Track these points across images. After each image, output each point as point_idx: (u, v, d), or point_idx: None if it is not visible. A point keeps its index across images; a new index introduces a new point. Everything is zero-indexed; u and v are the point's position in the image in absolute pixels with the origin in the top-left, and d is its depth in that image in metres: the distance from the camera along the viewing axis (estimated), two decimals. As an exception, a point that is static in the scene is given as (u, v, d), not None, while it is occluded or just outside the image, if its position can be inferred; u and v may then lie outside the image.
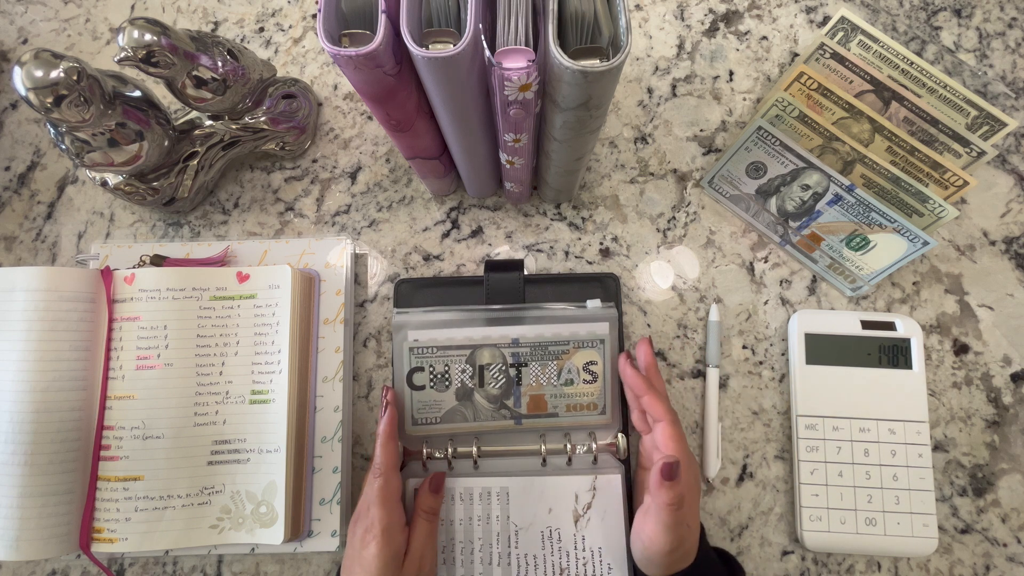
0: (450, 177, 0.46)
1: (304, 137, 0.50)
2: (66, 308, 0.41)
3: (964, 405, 0.45)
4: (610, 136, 0.50)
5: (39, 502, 0.39)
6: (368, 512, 0.37)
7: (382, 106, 0.33)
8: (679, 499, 0.35)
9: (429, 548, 0.39)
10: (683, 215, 0.49)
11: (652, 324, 0.47)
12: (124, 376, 0.41)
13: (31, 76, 0.35)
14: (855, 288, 0.46)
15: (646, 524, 0.37)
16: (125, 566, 0.45)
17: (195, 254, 0.47)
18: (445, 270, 0.48)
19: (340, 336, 0.46)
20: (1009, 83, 0.50)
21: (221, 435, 0.42)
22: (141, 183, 0.45)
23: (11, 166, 0.51)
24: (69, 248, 0.50)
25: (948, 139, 0.44)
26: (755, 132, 0.44)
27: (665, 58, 0.52)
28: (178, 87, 0.41)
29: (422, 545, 0.39)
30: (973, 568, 0.43)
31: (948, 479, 0.44)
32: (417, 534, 0.39)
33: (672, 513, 0.35)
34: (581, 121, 0.33)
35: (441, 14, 0.30)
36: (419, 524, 0.39)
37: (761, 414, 0.46)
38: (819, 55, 0.45)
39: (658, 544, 0.36)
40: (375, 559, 0.36)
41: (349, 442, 0.45)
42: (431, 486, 0.41)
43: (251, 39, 0.53)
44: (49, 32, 0.54)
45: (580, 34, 0.29)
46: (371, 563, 0.36)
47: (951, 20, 0.52)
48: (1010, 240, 0.48)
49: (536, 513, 0.42)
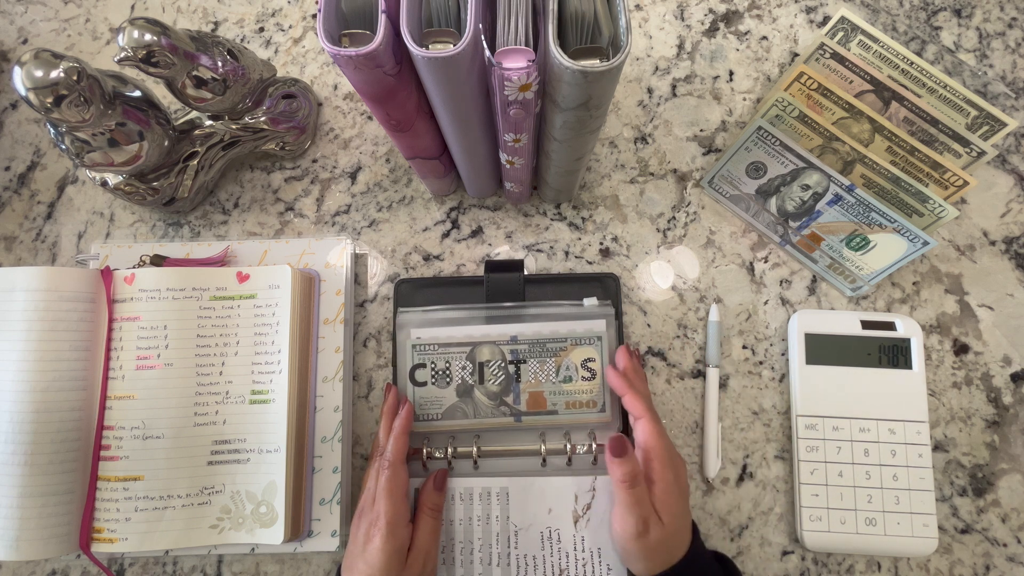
0: (450, 177, 0.46)
1: (304, 137, 0.50)
2: (66, 308, 0.41)
3: (964, 405, 0.45)
4: (610, 136, 0.50)
5: (39, 502, 0.39)
6: (373, 505, 0.37)
7: (382, 106, 0.33)
8: (630, 476, 0.36)
9: (433, 545, 0.39)
10: (683, 215, 0.49)
11: (652, 324, 0.47)
12: (124, 376, 0.41)
13: (31, 76, 0.35)
14: (855, 288, 0.46)
15: (614, 512, 0.38)
16: (125, 566, 0.45)
17: (195, 254, 0.47)
18: (445, 270, 0.48)
19: (340, 336, 0.46)
20: (1009, 83, 0.50)
21: (221, 435, 0.42)
22: (141, 183, 0.45)
23: (11, 166, 0.51)
24: (69, 248, 0.50)
25: (948, 139, 0.44)
26: (755, 132, 0.44)
27: (665, 58, 0.52)
28: (178, 87, 0.41)
29: (426, 542, 0.38)
30: (973, 568, 0.43)
31: (948, 479, 0.44)
32: (421, 531, 0.39)
33: (627, 491, 0.36)
34: (581, 121, 0.33)
35: (441, 14, 0.30)
36: (423, 520, 0.39)
37: (761, 414, 0.46)
38: (819, 55, 0.45)
39: (620, 527, 0.36)
40: (379, 552, 0.36)
41: (349, 442, 0.45)
42: (435, 483, 0.41)
43: (251, 39, 0.53)
44: (49, 32, 0.54)
45: (580, 34, 0.29)
46: (375, 556, 0.36)
47: (951, 20, 0.52)
48: (1010, 240, 0.48)
49: (536, 514, 0.42)
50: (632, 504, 0.36)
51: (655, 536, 0.36)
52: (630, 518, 0.36)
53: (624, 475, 0.36)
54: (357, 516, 0.38)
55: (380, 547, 0.36)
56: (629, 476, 0.36)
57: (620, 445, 0.37)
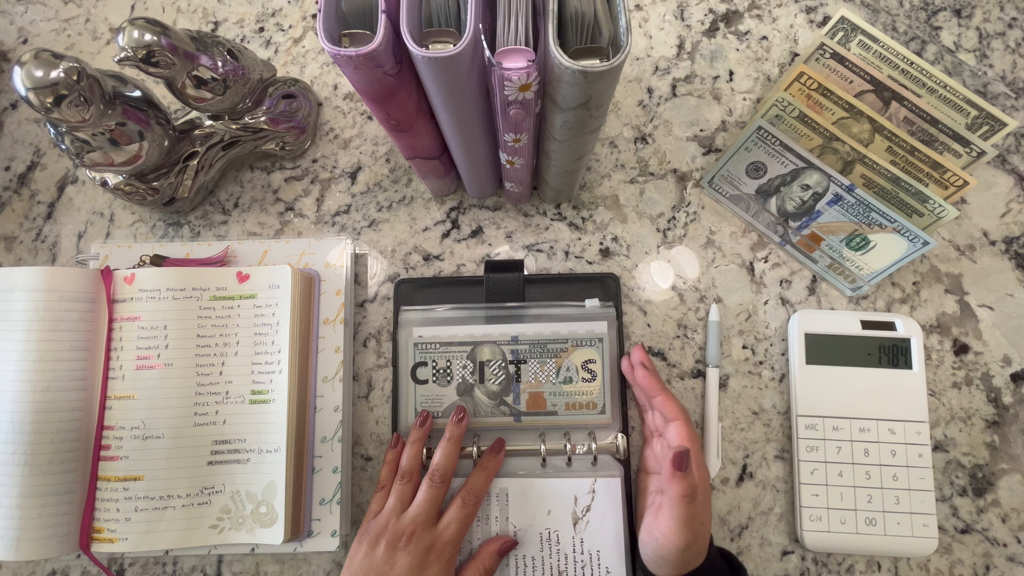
0: (450, 177, 0.46)
1: (304, 137, 0.50)
2: (66, 308, 0.41)
3: (964, 405, 0.45)
4: (610, 136, 0.50)
5: (39, 502, 0.39)
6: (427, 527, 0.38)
7: (382, 106, 0.33)
8: (692, 490, 0.35)
9: None
10: (683, 215, 0.49)
11: (652, 324, 0.47)
12: (124, 376, 0.41)
13: (31, 76, 0.35)
14: (855, 288, 0.46)
15: (659, 521, 0.36)
16: (125, 566, 0.45)
17: (195, 254, 0.47)
18: (445, 270, 0.48)
19: (340, 336, 0.46)
20: (1009, 83, 0.50)
21: (221, 435, 0.42)
22: (141, 183, 0.45)
23: (11, 166, 0.51)
24: (69, 248, 0.50)
25: (948, 139, 0.44)
26: (755, 132, 0.44)
27: (665, 58, 0.52)
28: (178, 87, 0.41)
29: None
30: (973, 568, 0.43)
31: (948, 479, 0.44)
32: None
33: (686, 506, 0.35)
34: (581, 121, 0.33)
35: (441, 14, 0.30)
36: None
37: (761, 414, 0.46)
38: (819, 55, 0.45)
39: (673, 540, 0.35)
40: None
41: (349, 442, 0.45)
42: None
43: (251, 39, 0.53)
44: (49, 32, 0.54)
45: (580, 34, 0.29)
46: None
47: (951, 20, 0.52)
48: (1010, 240, 0.47)
49: (535, 515, 0.42)
50: (688, 519, 0.35)
51: (699, 546, 0.36)
52: (685, 531, 0.35)
53: (685, 489, 0.35)
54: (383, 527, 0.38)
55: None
56: (690, 491, 0.35)
57: (684, 460, 0.36)
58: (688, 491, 0.35)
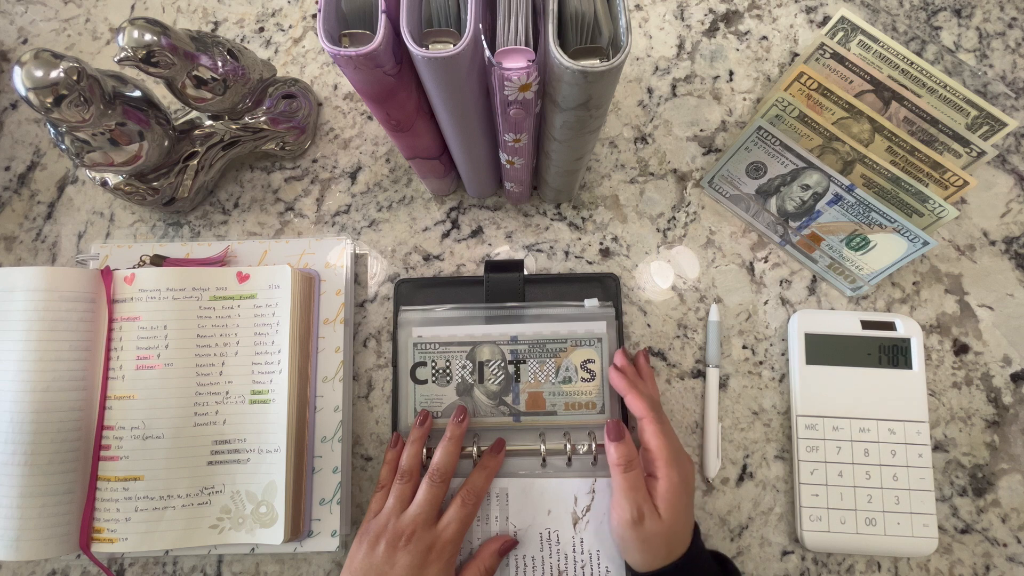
0: (450, 177, 0.46)
1: (304, 137, 0.50)
2: (66, 308, 0.41)
3: (964, 405, 0.45)
4: (610, 136, 0.50)
5: (39, 502, 0.39)
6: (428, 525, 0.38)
7: (382, 106, 0.33)
8: (626, 459, 0.37)
9: None
10: (683, 215, 0.49)
11: (652, 324, 0.47)
12: (124, 376, 0.41)
13: (31, 76, 0.35)
14: (855, 288, 0.46)
15: (612, 499, 0.38)
16: (125, 566, 0.45)
17: (195, 254, 0.47)
18: (445, 270, 0.48)
19: (340, 336, 0.46)
20: (1009, 83, 0.50)
21: (221, 435, 0.42)
22: (141, 183, 0.45)
23: (11, 166, 0.51)
24: (69, 248, 0.50)
25: (948, 139, 0.44)
26: (755, 132, 0.44)
27: (665, 58, 0.52)
28: (178, 87, 0.41)
29: None
30: (973, 568, 0.43)
31: (948, 479, 0.44)
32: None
33: (621, 474, 0.37)
34: (581, 121, 0.33)
35: (441, 14, 0.30)
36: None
37: (761, 414, 0.46)
38: (819, 55, 0.45)
39: (616, 513, 0.37)
40: None
41: (349, 442, 0.45)
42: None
43: (251, 39, 0.53)
44: (49, 32, 0.54)
45: (580, 34, 0.29)
46: None
47: (951, 20, 0.52)
48: (1010, 240, 0.47)
49: (535, 515, 0.42)
50: (627, 489, 0.37)
51: (651, 527, 0.36)
52: (625, 503, 0.37)
53: (620, 458, 0.37)
54: (383, 528, 0.38)
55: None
56: (624, 459, 0.37)
57: (617, 429, 0.39)
58: (622, 459, 0.37)
